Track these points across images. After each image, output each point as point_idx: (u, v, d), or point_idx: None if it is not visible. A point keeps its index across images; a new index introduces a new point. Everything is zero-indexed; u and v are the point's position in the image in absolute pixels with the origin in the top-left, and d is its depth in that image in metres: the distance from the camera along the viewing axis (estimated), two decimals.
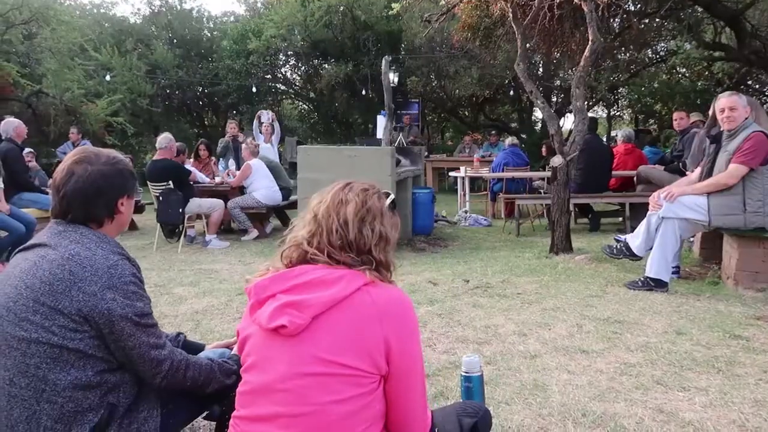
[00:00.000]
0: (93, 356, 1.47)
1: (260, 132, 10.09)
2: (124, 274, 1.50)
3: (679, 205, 4.20)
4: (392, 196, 1.50)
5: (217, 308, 4.06)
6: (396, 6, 7.42)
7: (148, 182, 6.59)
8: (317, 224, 1.41)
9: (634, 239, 4.45)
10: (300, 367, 1.28)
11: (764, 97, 14.26)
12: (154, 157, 6.88)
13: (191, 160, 8.04)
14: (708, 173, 4.31)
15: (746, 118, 4.12)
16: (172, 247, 6.61)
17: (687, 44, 9.29)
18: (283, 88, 17.84)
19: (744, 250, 4.21)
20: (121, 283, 1.49)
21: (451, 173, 11.08)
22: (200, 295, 4.44)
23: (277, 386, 1.29)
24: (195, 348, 1.98)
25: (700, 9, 6.74)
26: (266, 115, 10.69)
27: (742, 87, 11.87)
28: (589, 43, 5.44)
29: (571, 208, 6.57)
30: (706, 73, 13.55)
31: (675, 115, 7.20)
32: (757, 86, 13.58)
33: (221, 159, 8.95)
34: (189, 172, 6.89)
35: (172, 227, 6.79)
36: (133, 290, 1.52)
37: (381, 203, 1.45)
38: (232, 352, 1.84)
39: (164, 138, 6.66)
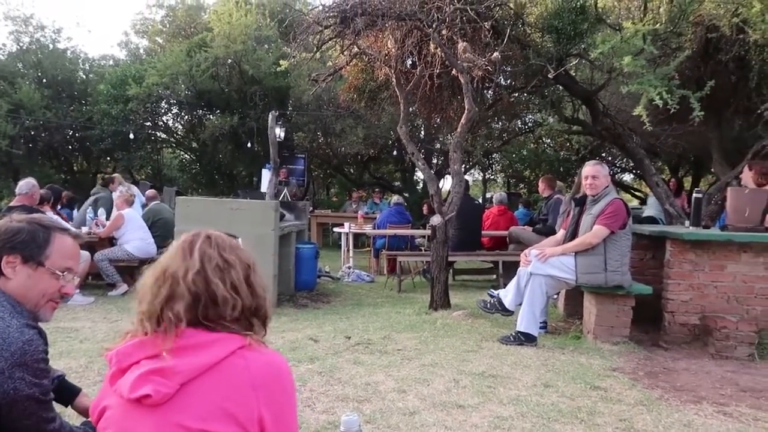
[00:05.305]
0: None
1: None
2: (37, 351, 1.39)
3: (547, 263, 4.54)
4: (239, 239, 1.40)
5: (76, 371, 3.69)
6: (284, 63, 7.52)
7: None
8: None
9: (506, 294, 4.73)
10: None
11: (614, 168, 16.02)
12: (11, 203, 6.27)
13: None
14: (572, 233, 4.73)
15: (606, 186, 4.62)
16: None
17: (550, 118, 10.25)
18: (163, 136, 17.17)
19: (601, 306, 4.61)
20: (33, 360, 1.37)
21: (336, 229, 11.16)
22: (56, 356, 4.00)
23: None
24: (72, 391, 1.83)
25: (561, 88, 7.50)
26: None
27: (597, 157, 13.24)
28: (466, 111, 5.85)
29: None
30: (567, 144, 15.02)
31: (539, 183, 7.85)
32: (609, 158, 15.22)
33: (91, 207, 8.34)
34: None
35: None
36: (43, 368, 1.41)
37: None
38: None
39: (26, 183, 6.11)
